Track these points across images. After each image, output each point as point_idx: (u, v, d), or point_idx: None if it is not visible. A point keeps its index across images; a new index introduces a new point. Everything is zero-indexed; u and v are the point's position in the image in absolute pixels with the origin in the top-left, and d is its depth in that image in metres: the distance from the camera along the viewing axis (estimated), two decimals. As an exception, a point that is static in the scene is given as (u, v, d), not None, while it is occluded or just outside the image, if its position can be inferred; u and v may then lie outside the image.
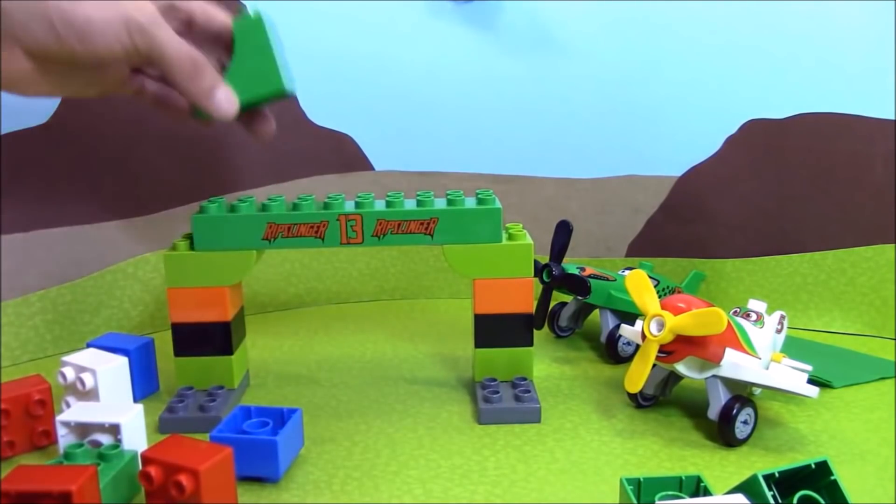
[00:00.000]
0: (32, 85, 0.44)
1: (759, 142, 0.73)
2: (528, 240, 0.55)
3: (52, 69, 0.43)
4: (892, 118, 0.69)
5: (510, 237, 0.55)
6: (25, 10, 0.41)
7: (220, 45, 0.49)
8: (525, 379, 0.55)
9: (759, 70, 0.73)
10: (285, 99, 0.49)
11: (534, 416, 0.52)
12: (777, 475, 0.38)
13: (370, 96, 0.76)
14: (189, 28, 0.48)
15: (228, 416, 0.47)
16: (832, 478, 0.39)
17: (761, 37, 0.72)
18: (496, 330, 0.55)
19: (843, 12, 0.71)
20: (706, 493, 0.39)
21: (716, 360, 0.48)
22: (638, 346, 0.50)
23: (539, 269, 0.63)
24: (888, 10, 0.69)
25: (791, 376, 0.50)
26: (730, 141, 0.74)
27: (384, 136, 0.78)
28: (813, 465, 0.39)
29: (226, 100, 0.46)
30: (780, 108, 0.72)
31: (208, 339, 0.55)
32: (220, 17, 0.49)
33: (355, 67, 0.76)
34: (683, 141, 0.75)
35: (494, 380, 0.55)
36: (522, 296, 0.55)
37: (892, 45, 0.69)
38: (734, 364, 0.49)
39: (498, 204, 0.54)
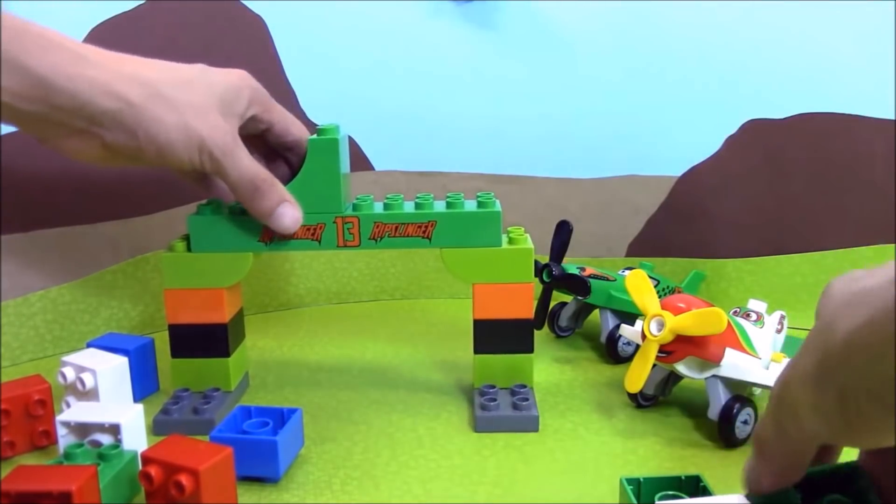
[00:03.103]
0: (99, 162, 0.50)
1: (759, 142, 0.73)
2: (529, 244, 0.54)
3: (122, 159, 0.49)
4: (892, 118, 0.69)
5: (511, 241, 0.54)
6: (114, 119, 0.47)
7: (294, 154, 0.55)
8: (525, 386, 0.54)
9: (759, 70, 0.73)
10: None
11: (531, 425, 0.51)
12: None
13: (370, 96, 0.76)
14: (266, 135, 0.54)
15: (228, 416, 0.47)
16: (863, 481, 0.37)
17: (761, 37, 0.72)
18: (496, 336, 0.54)
19: (844, 12, 0.71)
20: (706, 493, 0.39)
21: (716, 360, 0.48)
22: (638, 346, 0.50)
23: (539, 269, 0.63)
24: (888, 10, 0.69)
25: (791, 376, 0.50)
26: (730, 141, 0.74)
27: (384, 136, 0.78)
28: (845, 468, 0.38)
29: (287, 216, 0.51)
30: (780, 108, 0.72)
31: (205, 340, 0.55)
32: (295, 131, 0.54)
33: (355, 67, 0.76)
34: (683, 141, 0.75)
35: (493, 386, 0.55)
36: (523, 301, 0.54)
37: (892, 45, 0.69)
38: (734, 364, 0.49)
39: (498, 207, 0.53)
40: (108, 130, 0.47)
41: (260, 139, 0.55)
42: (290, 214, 0.51)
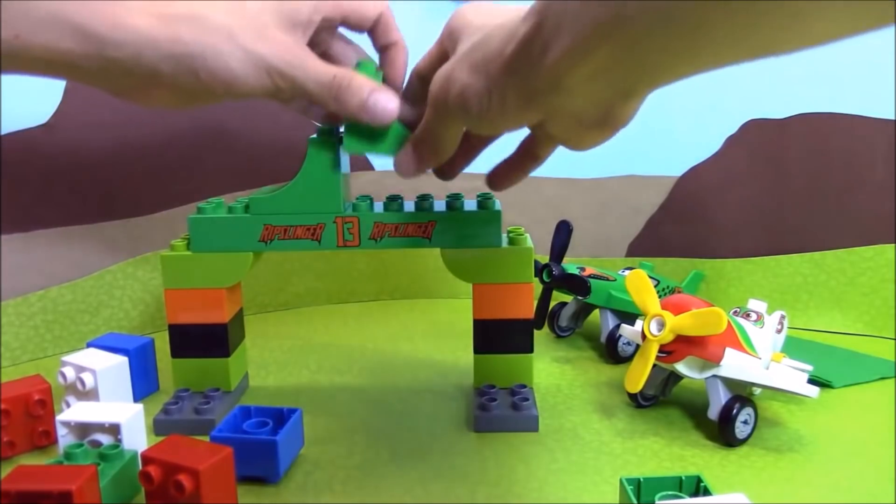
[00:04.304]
0: (179, 106, 0.47)
1: (759, 142, 0.73)
2: (529, 243, 0.54)
3: (198, 100, 0.46)
4: (892, 118, 0.69)
5: (511, 241, 0.54)
6: (170, 63, 0.43)
7: (374, 32, 0.51)
8: (524, 386, 0.54)
9: (759, 70, 0.73)
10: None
11: (531, 425, 0.51)
12: None
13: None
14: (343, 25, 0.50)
15: (228, 415, 0.46)
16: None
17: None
18: (496, 336, 0.54)
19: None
20: (706, 493, 0.39)
21: (716, 360, 0.48)
22: (638, 346, 0.50)
23: (539, 269, 0.63)
24: (888, 11, 0.69)
25: (791, 376, 0.50)
26: (730, 141, 0.74)
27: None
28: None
29: (380, 103, 0.47)
30: (780, 108, 0.72)
31: (205, 340, 0.54)
32: (371, 12, 0.50)
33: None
34: (683, 141, 0.75)
35: (493, 386, 0.55)
36: (523, 301, 0.54)
37: (892, 45, 0.69)
38: (734, 364, 0.49)
39: (498, 207, 0.53)
40: (168, 75, 0.44)
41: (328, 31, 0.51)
42: (381, 102, 0.47)
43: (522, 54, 0.34)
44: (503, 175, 0.48)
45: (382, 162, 0.78)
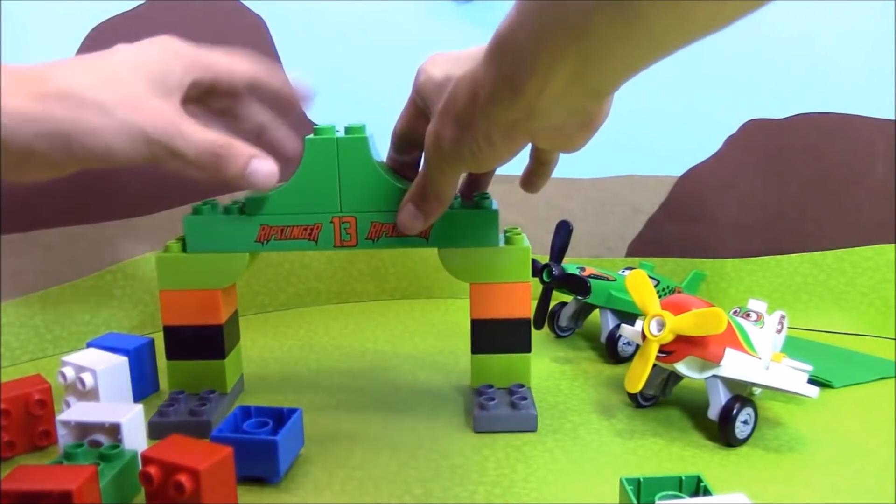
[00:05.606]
0: (45, 177, 0.47)
1: (759, 142, 0.73)
2: (526, 243, 0.53)
3: (79, 168, 0.46)
4: (892, 118, 0.69)
5: (508, 240, 0.54)
6: (47, 139, 0.43)
7: (251, 98, 0.53)
8: (522, 386, 0.54)
9: (759, 70, 0.73)
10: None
11: (530, 425, 0.51)
12: None
13: (370, 97, 0.76)
14: (215, 91, 0.52)
15: (228, 416, 0.46)
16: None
17: (761, 37, 0.72)
18: (493, 335, 0.54)
19: (843, 12, 0.71)
20: (706, 493, 0.39)
21: (716, 360, 0.48)
22: (638, 346, 0.50)
23: (539, 269, 0.63)
24: (888, 10, 0.69)
25: (791, 376, 0.50)
26: (730, 141, 0.74)
27: (384, 137, 0.77)
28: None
29: (261, 173, 0.48)
30: (780, 108, 0.72)
31: (200, 342, 0.54)
32: (239, 74, 0.52)
33: (356, 68, 0.76)
34: (683, 141, 0.75)
35: (491, 386, 0.54)
36: (520, 301, 0.53)
37: (891, 45, 0.69)
38: (734, 364, 0.49)
39: (495, 206, 0.53)
40: (42, 152, 0.43)
41: (209, 96, 0.53)
42: (262, 170, 0.47)
43: (493, 99, 0.37)
44: (527, 181, 0.53)
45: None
